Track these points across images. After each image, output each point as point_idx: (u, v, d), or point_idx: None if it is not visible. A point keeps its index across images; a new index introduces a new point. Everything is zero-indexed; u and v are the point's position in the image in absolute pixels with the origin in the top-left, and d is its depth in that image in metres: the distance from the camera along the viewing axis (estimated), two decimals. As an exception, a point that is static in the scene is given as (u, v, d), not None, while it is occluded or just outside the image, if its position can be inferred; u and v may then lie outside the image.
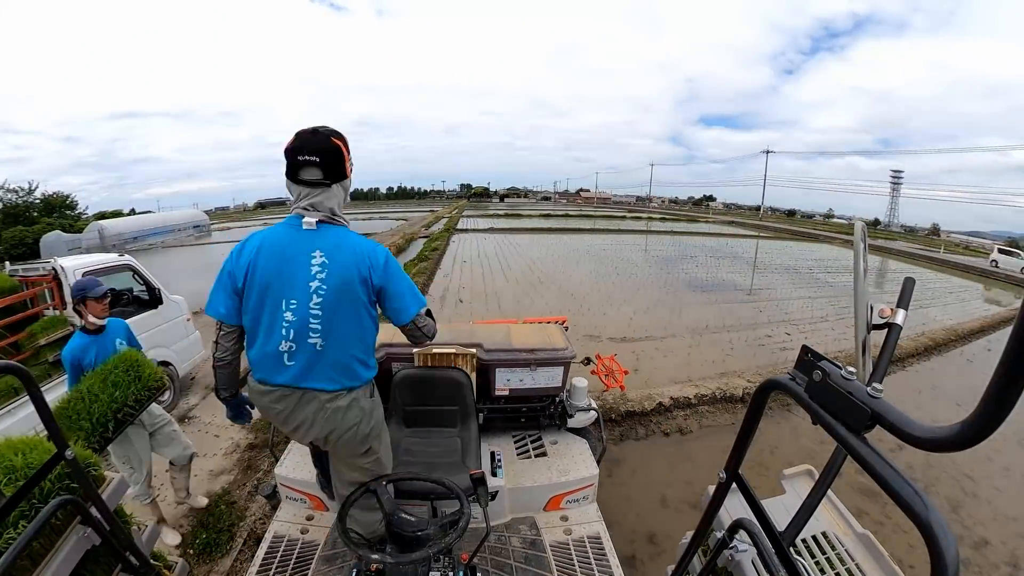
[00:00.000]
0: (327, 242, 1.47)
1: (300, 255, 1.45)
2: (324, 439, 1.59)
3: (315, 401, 1.51)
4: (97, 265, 4.39)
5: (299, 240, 1.46)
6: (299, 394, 1.50)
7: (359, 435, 1.58)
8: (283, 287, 1.44)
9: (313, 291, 1.44)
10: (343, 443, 1.60)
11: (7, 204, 24.29)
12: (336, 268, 1.45)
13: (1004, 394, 0.48)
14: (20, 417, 3.41)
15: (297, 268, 1.44)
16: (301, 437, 1.61)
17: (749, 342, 7.52)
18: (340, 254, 1.46)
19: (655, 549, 3.31)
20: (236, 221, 42.90)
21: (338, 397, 1.52)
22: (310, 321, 1.45)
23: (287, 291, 1.44)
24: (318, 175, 1.45)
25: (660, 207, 75.52)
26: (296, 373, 1.48)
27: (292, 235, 1.48)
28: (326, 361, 1.48)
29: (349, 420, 1.55)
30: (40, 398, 1.18)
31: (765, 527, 1.00)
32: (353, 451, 1.64)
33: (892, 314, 0.98)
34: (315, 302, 1.44)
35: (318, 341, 1.46)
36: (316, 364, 1.48)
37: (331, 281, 1.44)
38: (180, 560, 2.07)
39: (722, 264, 15.81)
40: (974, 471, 4.27)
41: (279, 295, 1.44)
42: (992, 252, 19.89)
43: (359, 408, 1.56)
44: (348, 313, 1.48)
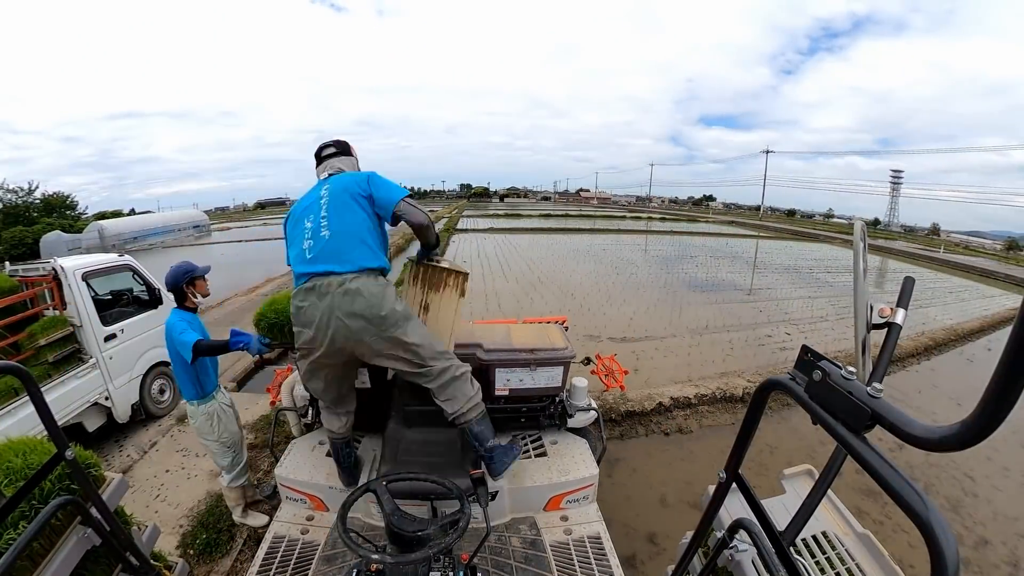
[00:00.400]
0: (331, 181, 2.01)
1: (314, 194, 2.01)
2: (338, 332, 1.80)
3: (330, 288, 1.79)
4: (97, 265, 4.39)
5: (313, 190, 2.04)
6: (318, 281, 1.81)
7: (375, 313, 1.80)
8: (303, 213, 1.97)
9: (323, 204, 1.93)
10: (359, 327, 1.80)
11: (7, 204, 24.28)
12: (334, 187, 1.96)
13: (1004, 394, 0.48)
14: (20, 417, 3.41)
15: (312, 200, 1.98)
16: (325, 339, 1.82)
17: (749, 342, 7.52)
18: (337, 181, 1.99)
19: (655, 549, 3.32)
20: (236, 221, 42.89)
21: (347, 280, 1.79)
22: (320, 223, 1.89)
23: (305, 214, 1.96)
24: (332, 151, 2.20)
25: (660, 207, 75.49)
26: (314, 260, 1.85)
27: (309, 192, 2.07)
28: (334, 246, 1.84)
29: (361, 300, 1.79)
30: (40, 398, 1.18)
31: (765, 527, 1.00)
32: (380, 334, 1.83)
33: (892, 314, 0.98)
34: (324, 213, 1.91)
35: (326, 233, 1.87)
36: (327, 249, 1.84)
37: (332, 193, 1.94)
38: (180, 560, 2.08)
39: (722, 264, 15.81)
40: (974, 471, 4.27)
41: (302, 217, 1.97)
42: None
43: (371, 288, 1.81)
44: (346, 208, 1.90)
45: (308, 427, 2.74)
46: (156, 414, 4.68)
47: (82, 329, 4.15)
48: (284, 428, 3.93)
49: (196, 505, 3.42)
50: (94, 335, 4.17)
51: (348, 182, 1.97)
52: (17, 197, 24.77)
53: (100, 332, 4.22)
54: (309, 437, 2.64)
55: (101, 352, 4.24)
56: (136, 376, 4.47)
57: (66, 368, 3.96)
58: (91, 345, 4.18)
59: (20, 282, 4.34)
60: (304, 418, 2.65)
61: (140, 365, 4.54)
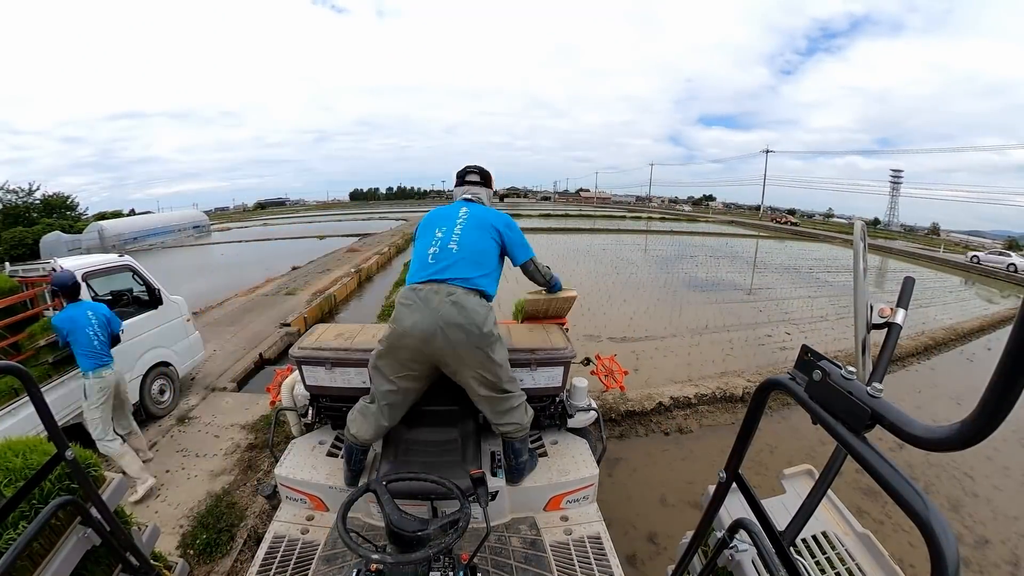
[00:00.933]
0: (471, 207, 2.18)
1: (453, 210, 2.16)
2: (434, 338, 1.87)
3: (439, 294, 1.89)
4: (97, 266, 4.39)
5: (455, 205, 2.21)
6: (431, 287, 1.91)
7: (475, 328, 1.89)
8: (438, 222, 2.12)
9: (457, 222, 2.08)
10: (457, 337, 1.87)
11: (7, 205, 24.29)
12: (475, 212, 2.14)
13: (1004, 393, 0.48)
14: (20, 418, 3.41)
15: (451, 215, 2.13)
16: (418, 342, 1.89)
17: (749, 342, 7.52)
18: (479, 211, 2.17)
19: (655, 549, 3.32)
20: (236, 221, 42.88)
21: (455, 292, 1.90)
22: (452, 236, 2.04)
23: (439, 224, 2.10)
24: (476, 178, 2.37)
25: (660, 207, 75.46)
26: (436, 269, 1.96)
27: (450, 205, 2.24)
28: (457, 260, 1.97)
29: (467, 313, 1.88)
30: (40, 399, 1.17)
31: (765, 527, 1.00)
32: (470, 352, 1.91)
33: (892, 313, 0.98)
34: (457, 229, 2.06)
35: (455, 247, 2.01)
36: (451, 262, 1.96)
37: (471, 216, 2.11)
38: (180, 560, 2.08)
39: (722, 264, 15.81)
40: (974, 470, 4.27)
41: (434, 226, 2.10)
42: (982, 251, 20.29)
43: (476, 306, 1.92)
44: (479, 236, 2.06)
45: (308, 427, 2.73)
46: (156, 414, 4.68)
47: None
48: (284, 428, 3.94)
49: (196, 505, 3.42)
50: (94, 335, 4.16)
51: (489, 214, 2.16)
52: (17, 198, 24.78)
53: (100, 332, 4.21)
54: (309, 437, 2.63)
55: (101, 352, 4.23)
56: (136, 376, 4.47)
57: (66, 368, 3.96)
58: (91, 345, 4.18)
59: (20, 283, 4.34)
60: (304, 418, 2.65)
61: (140, 365, 4.54)
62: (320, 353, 2.37)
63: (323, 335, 2.56)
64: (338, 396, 2.52)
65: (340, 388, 2.42)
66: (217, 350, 6.64)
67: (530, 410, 2.20)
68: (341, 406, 2.58)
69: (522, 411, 2.15)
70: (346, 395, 2.50)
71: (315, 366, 2.38)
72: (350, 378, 2.40)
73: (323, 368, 2.37)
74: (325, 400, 2.57)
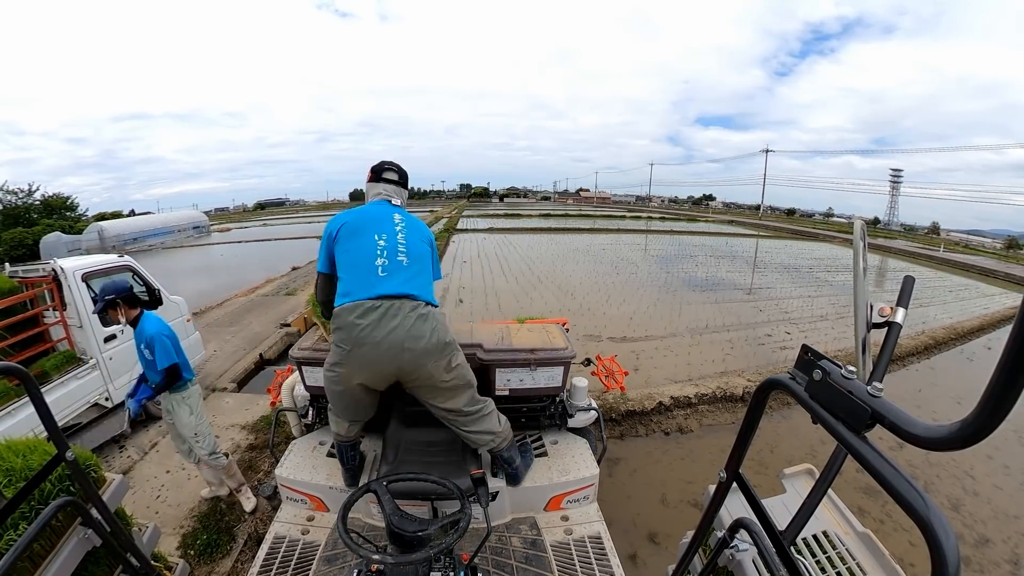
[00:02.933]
0: (404, 214, 2.04)
1: (384, 214, 1.98)
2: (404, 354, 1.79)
3: (402, 310, 1.79)
4: (97, 266, 4.39)
5: (384, 208, 2.02)
6: (387, 304, 1.78)
7: (438, 342, 1.85)
8: (374, 227, 1.92)
9: (398, 229, 1.95)
10: (427, 353, 1.82)
11: (7, 206, 24.29)
12: (410, 221, 2.03)
13: (1004, 392, 0.48)
14: (20, 418, 3.41)
15: (384, 219, 1.96)
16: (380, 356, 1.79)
17: (749, 341, 7.52)
18: (412, 219, 2.05)
19: (656, 548, 3.32)
20: (236, 222, 42.88)
21: (420, 306, 1.83)
22: (398, 245, 1.90)
23: (378, 228, 1.92)
24: (395, 177, 2.15)
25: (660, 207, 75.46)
26: (393, 283, 1.82)
27: (375, 205, 2.03)
28: (411, 274, 1.88)
29: (428, 326, 1.83)
30: (40, 399, 1.17)
31: (766, 526, 1.00)
32: (436, 363, 1.86)
33: (892, 313, 0.97)
34: (400, 238, 1.93)
35: (404, 258, 1.89)
36: (404, 275, 1.86)
37: (409, 225, 1.99)
38: (181, 561, 2.08)
39: (722, 263, 15.81)
40: (975, 469, 4.27)
41: (371, 231, 1.91)
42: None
43: (434, 319, 1.86)
44: (421, 245, 1.99)
45: (308, 427, 2.73)
46: (156, 415, 4.67)
47: (82, 330, 4.16)
48: (284, 428, 3.93)
49: (197, 506, 3.42)
50: (94, 336, 4.17)
51: (421, 225, 2.08)
52: (17, 198, 24.78)
53: (100, 333, 4.22)
54: (309, 437, 2.63)
55: (101, 353, 4.24)
56: (135, 377, 4.47)
57: (66, 369, 3.96)
58: (91, 346, 4.19)
59: (20, 283, 4.34)
60: (304, 419, 2.65)
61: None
62: (320, 354, 2.37)
63: (323, 336, 2.56)
64: None
65: None
66: (217, 350, 6.65)
67: (503, 418, 2.16)
68: None
69: (494, 419, 2.10)
70: None
71: (315, 367, 2.38)
72: None
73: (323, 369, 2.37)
74: (325, 401, 2.57)
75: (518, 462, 2.21)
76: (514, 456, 2.19)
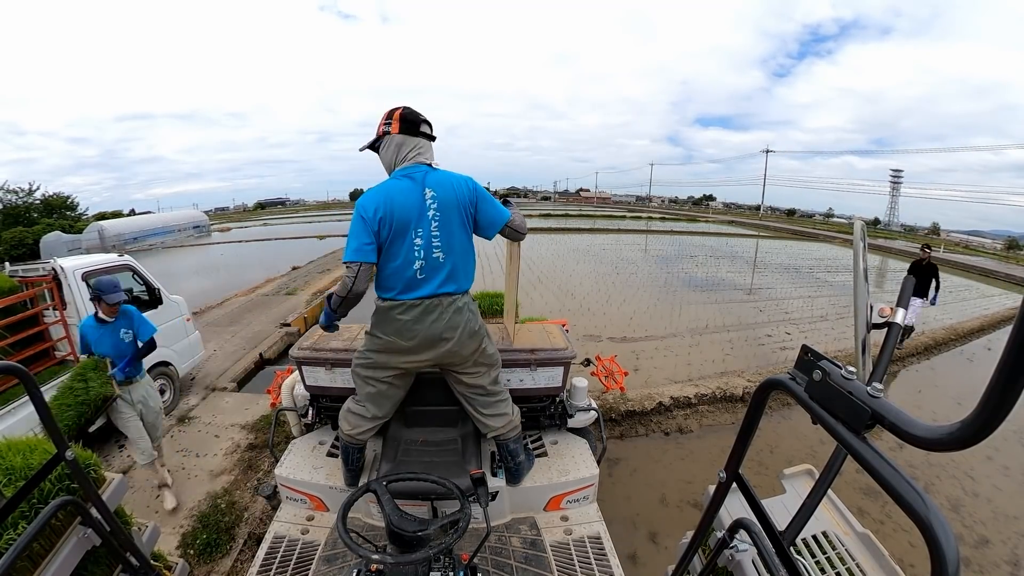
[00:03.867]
0: (435, 183, 1.84)
1: (416, 195, 1.82)
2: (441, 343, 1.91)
3: (440, 306, 1.88)
4: (97, 265, 4.39)
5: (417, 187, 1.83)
6: (428, 302, 1.86)
7: (472, 329, 1.96)
8: (411, 222, 1.81)
9: (431, 218, 1.82)
10: (461, 341, 1.93)
11: (7, 205, 24.29)
12: (443, 197, 1.83)
13: (1004, 393, 0.48)
14: (20, 417, 3.41)
15: (419, 208, 1.81)
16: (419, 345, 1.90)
17: (749, 341, 7.52)
18: (444, 188, 1.85)
19: (655, 548, 3.32)
20: (236, 221, 42.87)
21: (455, 299, 1.91)
22: (432, 241, 1.83)
23: (415, 224, 1.81)
24: (430, 131, 1.93)
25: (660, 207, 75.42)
26: (427, 286, 1.86)
27: (407, 182, 1.83)
28: (449, 269, 1.87)
29: (464, 316, 1.92)
30: (40, 399, 1.17)
31: (765, 527, 1.00)
32: (470, 348, 1.97)
33: (892, 313, 0.98)
34: (434, 229, 1.83)
35: (440, 254, 1.85)
36: (442, 274, 1.86)
37: (441, 205, 1.83)
38: (180, 560, 2.08)
39: (722, 263, 15.80)
40: (974, 470, 4.27)
41: (409, 227, 1.81)
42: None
43: (469, 308, 1.96)
44: (458, 228, 1.87)
45: (308, 427, 2.73)
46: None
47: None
48: (284, 428, 3.93)
49: (196, 505, 3.42)
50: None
51: (456, 192, 1.84)
52: (17, 198, 24.78)
53: (100, 332, 4.21)
54: (309, 437, 2.63)
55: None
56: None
57: (66, 368, 3.96)
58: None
59: (20, 282, 4.34)
60: (304, 418, 2.65)
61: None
62: (320, 354, 2.37)
63: (323, 336, 2.56)
64: (338, 396, 2.52)
65: (340, 388, 2.42)
66: (217, 350, 6.65)
67: (516, 409, 2.22)
68: (341, 406, 2.58)
69: (510, 406, 2.18)
70: (346, 395, 2.50)
71: (315, 367, 2.39)
72: (350, 379, 2.40)
73: (323, 369, 2.38)
74: (325, 400, 2.58)
75: (522, 456, 2.22)
76: (518, 449, 2.21)
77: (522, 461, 2.23)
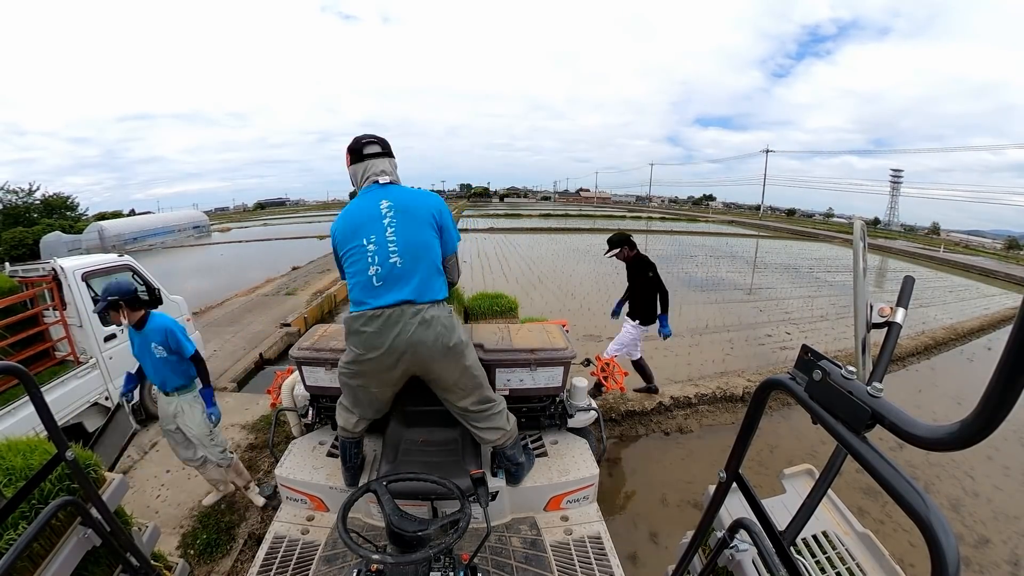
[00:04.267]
0: (391, 192, 1.85)
1: (371, 206, 1.82)
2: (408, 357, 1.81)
3: (403, 317, 1.77)
4: (97, 265, 4.39)
5: (369, 198, 1.85)
6: (388, 312, 1.76)
7: (442, 346, 1.82)
8: (363, 230, 1.80)
9: (387, 223, 1.79)
10: (433, 358, 1.83)
11: (7, 205, 24.31)
12: (399, 203, 1.82)
13: (1004, 393, 0.48)
14: (20, 417, 3.41)
15: (372, 216, 1.81)
16: (390, 362, 1.82)
17: (749, 341, 7.52)
18: (403, 197, 1.85)
19: (655, 548, 3.31)
20: (236, 222, 42.88)
21: (421, 310, 1.79)
22: (388, 246, 1.77)
23: (366, 232, 1.79)
24: (376, 149, 1.92)
25: (660, 207, 75.44)
26: (383, 288, 1.77)
27: (363, 199, 1.86)
28: (406, 272, 1.78)
29: (431, 332, 1.79)
30: (40, 399, 1.17)
31: (765, 527, 1.00)
32: (443, 366, 1.87)
33: (892, 313, 0.97)
34: (389, 233, 1.78)
35: (397, 259, 1.77)
36: (398, 277, 1.78)
37: (398, 210, 1.80)
38: (181, 560, 2.08)
39: (722, 263, 15.79)
40: (974, 470, 4.27)
41: (360, 235, 1.79)
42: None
43: (444, 319, 1.83)
44: (417, 230, 1.81)
45: (308, 427, 2.73)
46: (156, 414, 4.68)
47: (81, 329, 4.16)
48: (284, 428, 3.93)
49: (197, 505, 3.42)
50: (94, 335, 4.17)
51: (418, 203, 1.85)
52: (17, 198, 24.80)
53: (100, 332, 4.22)
54: (309, 437, 2.63)
55: (101, 352, 4.24)
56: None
57: (66, 368, 3.96)
58: (91, 345, 4.19)
59: (20, 283, 4.34)
60: (304, 418, 2.65)
61: (140, 365, 4.54)
62: (320, 354, 2.37)
63: (323, 336, 2.56)
64: (338, 396, 2.52)
65: (340, 388, 2.42)
66: (217, 350, 6.65)
67: (512, 416, 2.19)
68: None
69: (504, 417, 2.13)
70: None
71: (315, 367, 2.39)
72: None
73: (323, 369, 2.38)
74: (325, 400, 2.58)
75: (521, 459, 2.21)
76: (516, 454, 2.19)
77: (522, 463, 2.22)
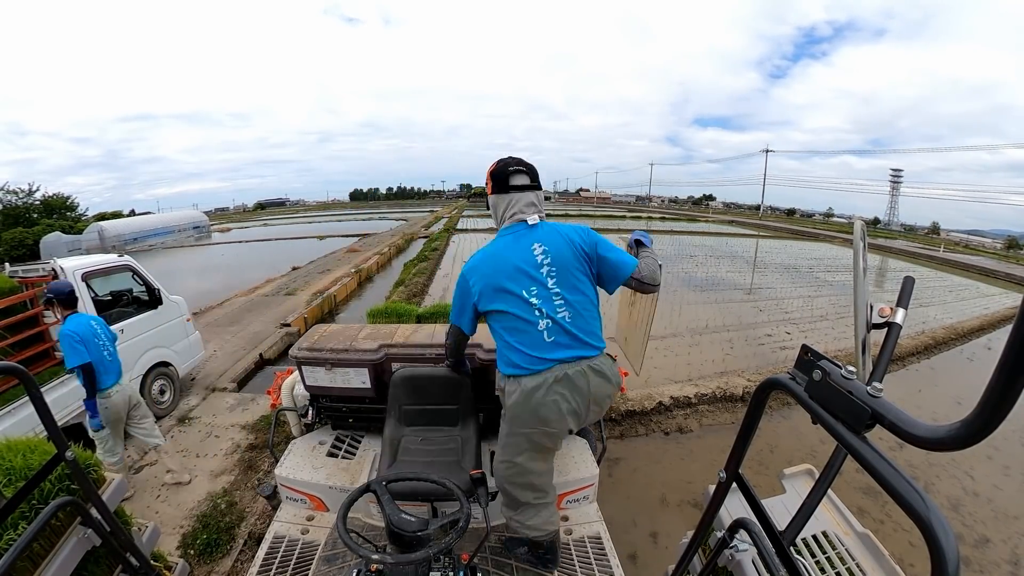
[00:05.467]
0: (543, 235, 1.70)
1: (524, 251, 1.68)
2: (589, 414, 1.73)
3: (584, 367, 1.65)
4: (97, 266, 4.39)
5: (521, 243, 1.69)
6: (570, 367, 1.63)
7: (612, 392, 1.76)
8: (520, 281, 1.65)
9: (545, 273, 1.65)
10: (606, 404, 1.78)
11: (7, 205, 24.31)
12: (555, 246, 1.68)
13: (1004, 393, 0.48)
14: (20, 417, 3.41)
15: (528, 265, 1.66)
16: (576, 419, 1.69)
17: (749, 341, 7.52)
18: (554, 238, 1.70)
19: (655, 548, 3.31)
20: (236, 222, 42.89)
21: (595, 361, 1.67)
22: (554, 300, 1.65)
23: (525, 283, 1.65)
24: (526, 180, 1.75)
25: (660, 207, 75.44)
26: (559, 351, 1.64)
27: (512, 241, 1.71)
28: (578, 326, 1.66)
29: (612, 385, 1.73)
30: (40, 399, 1.17)
31: (765, 526, 1.00)
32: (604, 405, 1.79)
33: (892, 313, 0.97)
34: (552, 284, 1.65)
35: (566, 313, 1.65)
36: (572, 334, 1.65)
37: (555, 256, 1.67)
38: (180, 560, 2.08)
39: (722, 263, 15.79)
40: (974, 470, 4.27)
41: (519, 287, 1.65)
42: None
43: (611, 370, 1.73)
44: (577, 278, 1.68)
45: (308, 427, 2.73)
46: (156, 414, 4.67)
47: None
48: (284, 428, 3.93)
49: (197, 506, 3.42)
50: (94, 336, 4.16)
51: (569, 241, 1.69)
52: (17, 198, 24.80)
53: (100, 333, 4.21)
54: (309, 437, 2.63)
55: (101, 353, 4.23)
56: (136, 376, 4.47)
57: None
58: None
59: (20, 283, 4.34)
60: (304, 418, 2.65)
61: (140, 365, 4.54)
62: (320, 354, 2.37)
63: (323, 336, 2.56)
64: (338, 396, 2.52)
65: (340, 388, 2.43)
66: (217, 350, 6.64)
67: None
68: (341, 406, 2.58)
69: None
70: (346, 395, 2.50)
71: (315, 367, 2.39)
72: (350, 379, 2.40)
73: (323, 369, 2.38)
74: (325, 400, 2.58)
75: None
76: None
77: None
